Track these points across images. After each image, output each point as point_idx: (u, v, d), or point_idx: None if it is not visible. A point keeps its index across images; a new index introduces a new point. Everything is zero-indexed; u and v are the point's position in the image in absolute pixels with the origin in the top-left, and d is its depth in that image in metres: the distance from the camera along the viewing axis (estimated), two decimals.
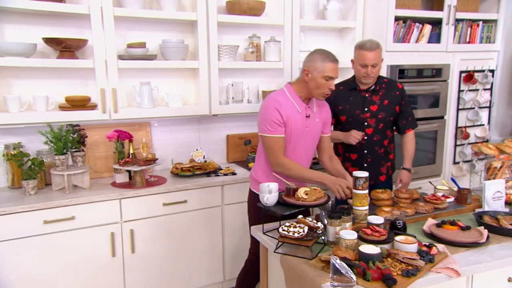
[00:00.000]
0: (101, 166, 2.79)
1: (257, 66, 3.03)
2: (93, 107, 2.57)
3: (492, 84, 3.57)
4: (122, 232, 2.46)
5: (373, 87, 2.44)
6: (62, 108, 2.53)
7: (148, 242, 2.55)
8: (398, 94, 2.48)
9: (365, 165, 2.48)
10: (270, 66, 3.06)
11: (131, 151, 2.71)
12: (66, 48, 2.43)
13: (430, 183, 2.43)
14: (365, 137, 2.43)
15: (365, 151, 2.47)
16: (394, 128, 2.58)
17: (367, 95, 2.45)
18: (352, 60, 2.45)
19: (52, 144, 2.38)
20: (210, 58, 2.79)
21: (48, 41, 2.41)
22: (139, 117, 2.70)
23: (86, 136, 2.57)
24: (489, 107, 3.63)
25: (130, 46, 2.65)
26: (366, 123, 2.43)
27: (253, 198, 2.19)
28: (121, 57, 2.60)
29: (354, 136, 2.38)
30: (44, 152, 2.55)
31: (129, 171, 2.62)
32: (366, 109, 2.43)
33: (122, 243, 2.47)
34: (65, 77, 2.61)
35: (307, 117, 2.10)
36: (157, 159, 2.72)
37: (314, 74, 2.01)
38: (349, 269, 1.34)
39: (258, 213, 2.09)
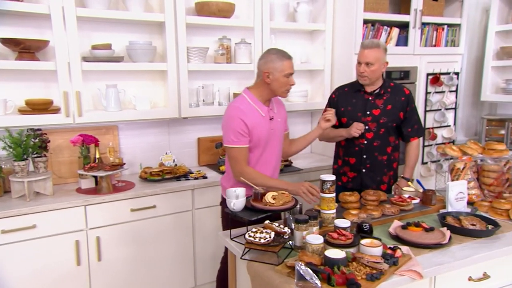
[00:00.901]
0: (66, 171, 2.69)
1: (228, 68, 3.01)
2: (56, 110, 2.47)
3: (457, 86, 3.68)
4: (87, 240, 2.38)
5: (377, 90, 2.37)
6: (22, 112, 2.42)
7: (115, 249, 2.48)
8: (403, 99, 2.38)
9: (364, 170, 2.41)
10: (241, 68, 3.04)
11: (97, 156, 2.63)
12: (26, 49, 2.33)
13: (397, 185, 2.47)
14: (365, 141, 2.38)
15: (364, 156, 2.39)
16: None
17: (370, 98, 2.38)
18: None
19: (11, 150, 2.28)
20: (179, 60, 2.74)
21: (5, 41, 2.30)
22: (105, 121, 2.62)
23: (49, 141, 2.47)
24: (455, 109, 3.74)
25: (94, 47, 2.57)
26: (366, 127, 2.35)
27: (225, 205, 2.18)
28: (85, 59, 2.52)
29: (356, 128, 2.29)
30: (2, 158, 2.43)
31: (95, 177, 2.54)
32: (368, 112, 2.36)
33: (87, 251, 2.39)
34: (25, 80, 2.51)
35: (271, 119, 2.12)
36: (124, 163, 2.65)
37: (275, 74, 2.03)
38: (314, 274, 1.33)
39: (227, 219, 2.07)
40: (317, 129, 2.28)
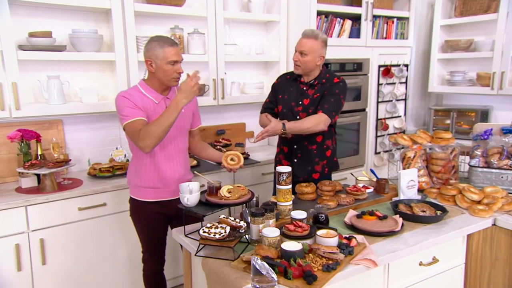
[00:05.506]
0: (3, 170, 2.48)
1: None
2: None
3: (407, 78, 3.81)
4: (29, 243, 2.22)
5: (312, 81, 2.33)
6: None
7: (62, 252, 2.32)
8: (328, 86, 2.31)
9: (295, 160, 2.39)
10: (195, 59, 2.94)
11: (39, 152, 2.44)
12: None
13: (352, 174, 2.51)
14: None
15: (295, 146, 2.38)
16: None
17: (304, 88, 2.35)
18: None
19: None
20: (128, 50, 2.60)
21: None
22: (47, 115, 2.44)
23: None
24: (405, 100, 3.87)
25: (32, 35, 2.36)
26: (298, 117, 2.32)
27: (134, 207, 2.11)
28: (22, 48, 2.32)
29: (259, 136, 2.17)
30: None
31: (37, 175, 2.36)
32: (300, 102, 2.34)
33: (30, 255, 2.22)
34: None
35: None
36: (70, 160, 2.48)
37: (157, 62, 1.92)
38: (270, 268, 1.30)
39: (140, 222, 2.11)
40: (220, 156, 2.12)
